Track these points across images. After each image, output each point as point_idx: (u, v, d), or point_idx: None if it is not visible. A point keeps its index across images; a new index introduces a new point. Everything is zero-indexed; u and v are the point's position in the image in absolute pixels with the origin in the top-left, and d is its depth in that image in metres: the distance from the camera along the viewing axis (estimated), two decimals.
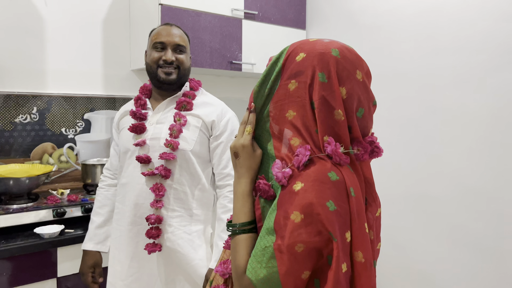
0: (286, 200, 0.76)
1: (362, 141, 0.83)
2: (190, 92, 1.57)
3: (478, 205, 1.91)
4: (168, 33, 1.52)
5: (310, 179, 0.75)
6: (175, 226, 1.48)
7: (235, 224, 0.84)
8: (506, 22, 1.81)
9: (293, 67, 0.82)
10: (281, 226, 0.74)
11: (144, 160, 1.47)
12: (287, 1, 2.63)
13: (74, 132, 2.26)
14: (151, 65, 1.53)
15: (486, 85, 1.88)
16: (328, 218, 0.73)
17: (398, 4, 2.22)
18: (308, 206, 0.73)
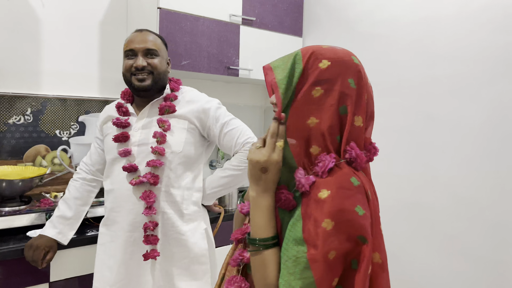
0: (312, 208, 0.75)
1: (366, 144, 0.86)
2: (171, 95, 1.55)
3: (473, 214, 1.92)
4: (138, 39, 1.50)
5: (336, 186, 0.76)
6: (167, 228, 1.49)
7: (261, 239, 0.80)
8: (502, 33, 1.84)
9: (319, 74, 0.81)
10: (312, 236, 0.74)
11: (131, 170, 1.46)
12: (284, 8, 2.65)
13: (68, 134, 2.23)
14: (126, 74, 1.52)
15: (482, 95, 1.91)
16: (360, 223, 0.74)
17: (395, 13, 2.24)
18: (339, 213, 0.73)
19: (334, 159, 0.78)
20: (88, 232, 1.79)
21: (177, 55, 2.21)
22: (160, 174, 1.47)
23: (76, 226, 1.66)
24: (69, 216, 1.62)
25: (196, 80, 2.68)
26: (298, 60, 0.83)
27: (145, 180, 1.44)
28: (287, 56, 0.86)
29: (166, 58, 1.59)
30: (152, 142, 1.48)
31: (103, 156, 1.67)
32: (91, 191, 1.70)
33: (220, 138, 1.55)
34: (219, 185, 1.57)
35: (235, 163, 1.54)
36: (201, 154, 1.58)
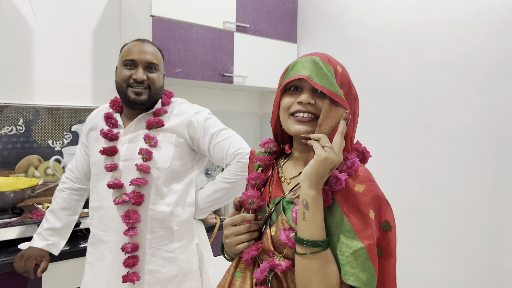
0: (353, 203, 0.81)
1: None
2: (161, 109, 1.49)
3: (470, 219, 1.90)
4: (140, 50, 1.45)
5: (365, 180, 0.83)
6: (155, 247, 1.43)
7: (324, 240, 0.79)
8: (496, 38, 1.83)
9: (341, 78, 0.88)
10: (363, 227, 0.79)
11: (115, 187, 1.41)
12: (278, 15, 2.64)
13: (61, 144, 2.21)
14: (121, 84, 1.45)
15: (476, 100, 1.90)
16: (389, 210, 0.84)
17: (389, 19, 2.24)
18: (377, 203, 0.82)
19: (356, 157, 0.85)
20: (81, 244, 1.76)
21: (171, 63, 2.19)
22: (146, 192, 1.42)
23: (67, 236, 1.62)
24: (59, 227, 1.58)
25: (190, 88, 2.67)
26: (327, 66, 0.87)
27: (128, 199, 1.38)
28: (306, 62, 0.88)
29: (163, 72, 1.55)
30: (138, 158, 1.43)
31: (89, 163, 1.61)
32: (79, 200, 1.66)
33: (210, 150, 1.49)
34: (212, 200, 1.51)
35: (227, 175, 1.48)
36: (191, 168, 1.53)
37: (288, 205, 0.88)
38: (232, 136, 1.50)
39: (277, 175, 0.96)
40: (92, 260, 1.49)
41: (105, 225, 1.44)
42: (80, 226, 1.85)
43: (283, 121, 0.91)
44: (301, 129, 0.87)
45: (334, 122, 0.84)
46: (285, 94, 0.92)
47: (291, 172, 0.95)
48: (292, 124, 0.89)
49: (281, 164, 0.99)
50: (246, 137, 2.98)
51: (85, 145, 1.62)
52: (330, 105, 0.85)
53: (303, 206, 0.80)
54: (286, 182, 0.94)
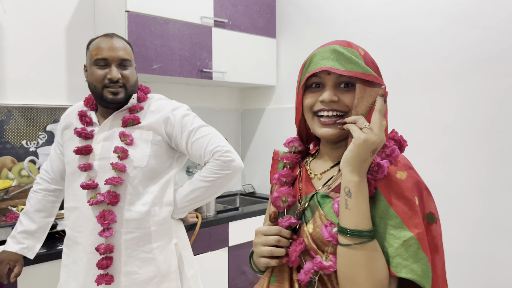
0: (397, 191, 0.75)
1: None
2: (137, 106, 1.45)
3: (451, 209, 1.92)
4: (110, 46, 1.38)
5: (406, 167, 0.79)
6: (131, 248, 1.39)
7: (370, 230, 0.73)
8: (473, 29, 1.85)
9: (365, 60, 0.82)
10: (410, 216, 0.74)
11: (89, 188, 1.37)
12: (256, 9, 2.62)
13: (36, 144, 2.14)
14: (95, 85, 1.39)
15: (454, 91, 1.92)
16: (432, 198, 0.80)
17: (367, 12, 2.24)
18: (420, 189, 0.78)
19: (394, 144, 0.81)
20: (58, 246, 1.71)
21: (148, 59, 2.15)
22: (122, 192, 1.38)
23: (43, 239, 1.57)
24: (33, 230, 1.53)
25: (169, 85, 2.62)
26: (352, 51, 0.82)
27: (103, 199, 1.34)
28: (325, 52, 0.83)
29: (135, 65, 1.50)
30: (113, 157, 1.38)
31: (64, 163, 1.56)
32: (55, 201, 1.61)
33: (188, 148, 1.45)
34: (190, 199, 1.48)
35: (205, 174, 1.44)
36: (170, 166, 1.49)
37: (323, 200, 0.82)
38: (211, 133, 1.46)
39: (306, 172, 0.90)
40: (67, 263, 1.44)
41: (79, 226, 1.40)
42: (57, 227, 1.81)
43: (309, 121, 0.87)
44: (327, 133, 0.82)
45: (370, 101, 0.78)
46: (307, 92, 0.86)
47: (321, 168, 0.89)
48: (318, 127, 0.84)
49: (308, 161, 0.93)
50: (228, 134, 2.95)
51: (60, 144, 1.57)
52: (363, 87, 0.79)
53: (345, 194, 0.74)
54: (317, 178, 0.88)
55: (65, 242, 1.47)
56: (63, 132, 1.53)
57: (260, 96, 2.92)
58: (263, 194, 2.84)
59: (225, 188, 1.51)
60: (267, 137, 2.86)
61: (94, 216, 1.37)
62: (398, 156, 0.80)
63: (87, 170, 1.39)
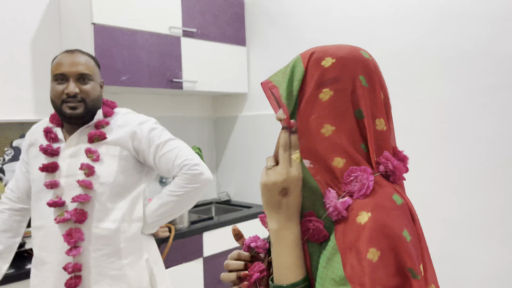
0: (352, 237, 0.60)
1: (398, 152, 0.72)
2: (103, 121, 1.44)
3: (420, 209, 1.96)
4: (70, 62, 1.38)
5: (377, 206, 0.61)
6: (101, 265, 1.38)
7: (287, 285, 0.65)
8: (436, 34, 1.91)
9: (322, 73, 0.67)
10: (357, 272, 0.58)
11: (56, 205, 1.35)
12: (225, 18, 2.63)
13: (2, 161, 2.09)
14: (55, 100, 1.39)
15: (420, 95, 1.97)
16: (408, 251, 0.59)
17: (333, 19, 2.28)
18: (384, 240, 0.58)
19: (372, 176, 0.63)
20: (26, 266, 1.67)
21: (115, 71, 2.13)
22: (90, 209, 1.37)
23: (9, 259, 1.53)
24: (0, 251, 1.49)
25: (138, 95, 2.60)
26: (298, 63, 0.70)
27: (70, 217, 1.33)
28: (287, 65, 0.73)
29: (100, 81, 1.49)
30: (80, 174, 1.37)
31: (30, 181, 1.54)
32: (21, 220, 1.57)
33: (156, 162, 1.44)
34: (159, 214, 1.47)
35: (173, 188, 1.44)
36: (138, 181, 1.48)
37: None
38: (178, 147, 1.46)
39: None
40: (35, 283, 1.42)
41: (47, 245, 1.38)
42: (25, 246, 1.77)
43: None
44: None
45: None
46: None
47: None
48: None
49: None
50: (201, 142, 2.94)
51: (25, 162, 1.54)
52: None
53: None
54: None
55: (33, 262, 1.45)
56: (29, 150, 1.51)
57: (233, 104, 2.92)
58: (238, 202, 2.84)
59: (195, 201, 1.51)
60: (241, 144, 2.87)
61: (61, 235, 1.35)
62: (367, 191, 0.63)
63: (53, 188, 1.37)
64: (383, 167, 0.65)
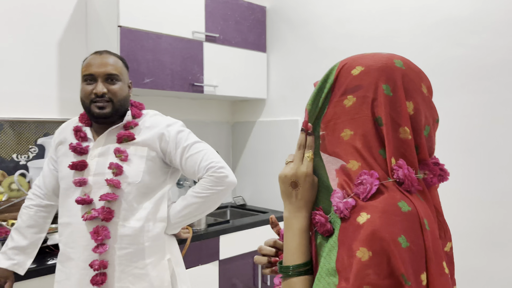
0: (349, 235, 0.65)
1: (430, 163, 0.74)
2: (132, 122, 1.47)
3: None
4: (98, 63, 1.42)
5: (378, 210, 0.64)
6: (125, 264, 1.40)
7: (288, 266, 0.73)
8: (457, 47, 1.91)
9: (349, 81, 0.72)
10: (345, 266, 0.63)
11: (84, 203, 1.38)
12: (247, 24, 2.66)
13: (27, 158, 2.14)
14: (84, 100, 1.44)
15: (442, 106, 1.97)
16: (401, 256, 0.61)
17: (355, 28, 2.30)
18: (378, 242, 0.61)
19: (377, 180, 0.66)
20: (48, 261, 1.71)
21: (140, 73, 2.17)
22: (117, 208, 1.39)
23: (34, 254, 1.57)
24: (25, 246, 1.52)
25: (160, 98, 2.64)
26: (333, 71, 0.75)
27: (97, 214, 1.36)
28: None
29: (128, 82, 1.52)
30: (108, 173, 1.40)
31: (58, 178, 1.56)
32: (47, 217, 1.60)
33: (182, 164, 1.47)
34: (183, 215, 1.49)
35: (198, 189, 1.46)
36: (164, 182, 1.50)
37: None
38: (204, 150, 1.49)
39: None
40: (60, 279, 1.44)
41: (73, 241, 1.41)
42: (47, 242, 1.80)
43: None
44: None
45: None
46: None
47: None
48: None
49: None
50: (218, 146, 2.97)
51: (54, 160, 1.57)
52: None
53: None
54: None
55: (58, 258, 1.48)
56: (57, 148, 1.54)
57: (251, 109, 2.95)
58: (253, 207, 2.85)
59: (218, 204, 1.53)
60: (257, 149, 2.89)
61: (87, 232, 1.38)
62: (367, 196, 0.66)
63: (82, 186, 1.40)
64: (396, 175, 0.68)
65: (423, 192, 0.72)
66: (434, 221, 0.69)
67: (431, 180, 0.73)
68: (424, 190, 0.72)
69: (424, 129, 0.73)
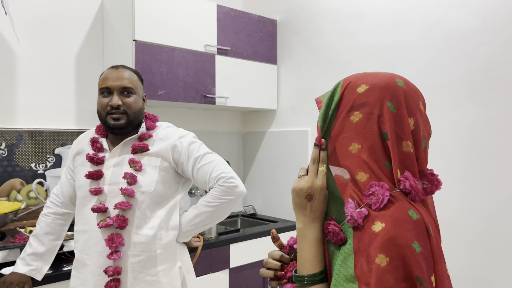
0: (365, 242, 0.69)
1: (427, 174, 0.78)
2: (146, 134, 1.53)
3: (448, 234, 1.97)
4: (114, 77, 1.49)
5: (391, 218, 0.69)
6: (138, 270, 1.45)
7: (303, 275, 0.77)
8: (464, 59, 1.94)
9: (356, 98, 0.78)
10: (364, 272, 0.68)
11: (99, 211, 1.44)
12: (258, 37, 2.72)
13: (44, 167, 2.22)
14: (101, 112, 1.50)
15: (448, 118, 1.99)
16: (416, 261, 0.66)
17: (364, 40, 2.34)
18: (394, 248, 0.67)
19: (388, 191, 0.71)
20: (64, 267, 1.76)
21: (153, 86, 2.24)
22: (130, 216, 1.45)
23: (51, 261, 1.62)
24: (42, 252, 1.58)
25: (173, 109, 2.71)
26: (338, 88, 0.81)
27: (112, 222, 1.42)
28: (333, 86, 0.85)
29: (142, 95, 1.58)
30: (123, 182, 1.46)
31: (74, 187, 1.62)
32: (64, 224, 1.66)
33: (194, 174, 1.52)
34: (194, 224, 1.53)
35: (209, 199, 1.51)
36: (176, 191, 1.56)
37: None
38: (215, 160, 1.54)
39: None
40: (75, 284, 1.50)
41: (88, 248, 1.46)
42: (63, 249, 1.86)
43: None
44: None
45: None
46: None
47: None
48: None
49: None
50: (229, 156, 3.02)
51: (71, 170, 1.64)
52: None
53: None
54: None
55: (73, 264, 1.53)
56: (75, 158, 1.61)
57: (262, 120, 3.00)
58: (264, 216, 2.89)
59: (228, 213, 1.58)
60: (268, 159, 2.93)
61: (103, 239, 1.44)
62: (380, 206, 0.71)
63: (97, 194, 1.46)
64: (402, 185, 0.73)
65: (424, 200, 0.77)
66: (434, 227, 0.74)
67: (429, 190, 0.78)
68: (424, 199, 0.77)
69: (422, 142, 0.78)
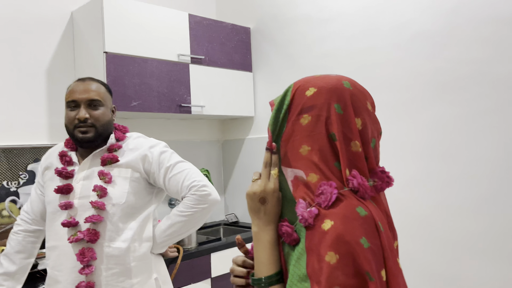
0: (316, 241, 0.71)
1: (378, 172, 0.81)
2: (115, 145, 1.51)
3: (420, 232, 1.99)
4: (81, 89, 1.47)
5: (339, 216, 0.71)
6: (112, 284, 1.42)
7: (261, 278, 0.79)
8: (432, 61, 1.97)
9: (305, 102, 0.79)
10: (316, 271, 0.69)
11: (69, 225, 1.41)
12: (232, 46, 2.73)
13: (17, 184, 2.17)
14: (68, 126, 1.48)
15: (420, 118, 2.02)
16: (365, 256, 0.68)
17: (335, 46, 2.36)
18: (343, 245, 0.68)
19: (335, 189, 0.73)
20: (39, 286, 1.72)
21: (127, 97, 2.22)
22: (102, 229, 1.42)
23: (23, 280, 1.59)
24: (13, 271, 1.54)
25: (149, 120, 2.69)
26: (288, 92, 0.82)
27: (82, 236, 1.39)
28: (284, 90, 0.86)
29: (111, 107, 1.56)
30: (93, 195, 1.44)
31: (45, 203, 1.59)
32: (35, 241, 1.63)
33: (166, 184, 1.50)
34: (168, 234, 1.51)
35: (182, 208, 1.49)
36: (149, 202, 1.54)
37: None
38: (187, 169, 1.52)
39: None
40: None
41: (60, 264, 1.43)
42: (38, 267, 1.82)
43: None
44: None
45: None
46: None
47: None
48: None
49: None
50: (209, 165, 3.01)
51: (41, 185, 1.61)
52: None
53: None
54: None
55: (46, 282, 1.50)
56: (44, 173, 1.58)
57: (240, 127, 3.00)
58: (246, 224, 2.88)
59: (203, 222, 1.56)
60: (248, 166, 2.93)
61: (74, 254, 1.41)
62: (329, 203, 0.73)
63: (67, 209, 1.43)
64: (351, 184, 0.75)
65: (375, 197, 0.79)
66: (385, 223, 0.77)
67: (380, 187, 0.80)
68: (375, 196, 0.79)
69: (371, 141, 0.80)
